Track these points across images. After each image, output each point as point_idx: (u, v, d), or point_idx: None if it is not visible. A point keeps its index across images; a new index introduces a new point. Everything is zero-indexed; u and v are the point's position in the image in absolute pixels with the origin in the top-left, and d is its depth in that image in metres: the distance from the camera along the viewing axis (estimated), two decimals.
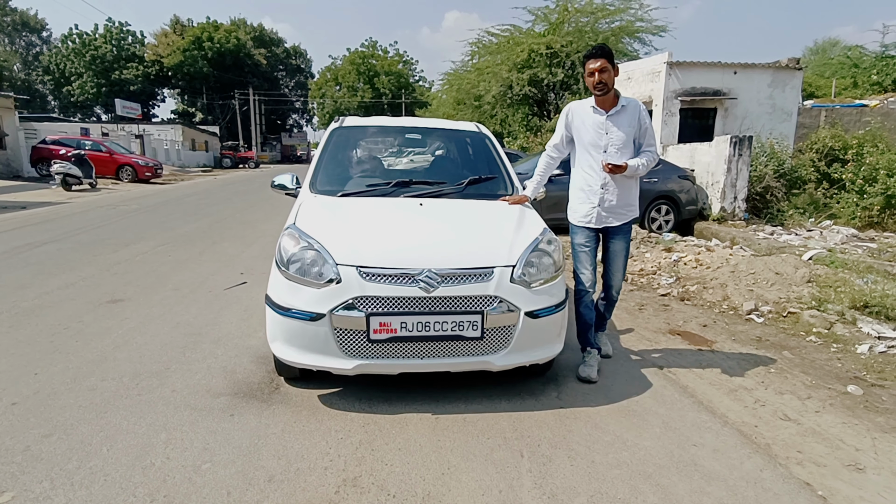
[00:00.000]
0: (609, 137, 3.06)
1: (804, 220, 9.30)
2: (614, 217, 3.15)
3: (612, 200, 3.11)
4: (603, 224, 3.17)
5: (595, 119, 3.09)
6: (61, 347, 3.41)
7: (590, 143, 3.12)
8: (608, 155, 3.05)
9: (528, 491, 2.06)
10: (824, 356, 3.70)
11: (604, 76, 2.95)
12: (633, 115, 3.05)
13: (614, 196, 3.10)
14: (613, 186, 3.10)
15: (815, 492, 2.14)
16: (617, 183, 3.09)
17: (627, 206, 3.17)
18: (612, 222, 3.16)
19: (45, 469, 2.11)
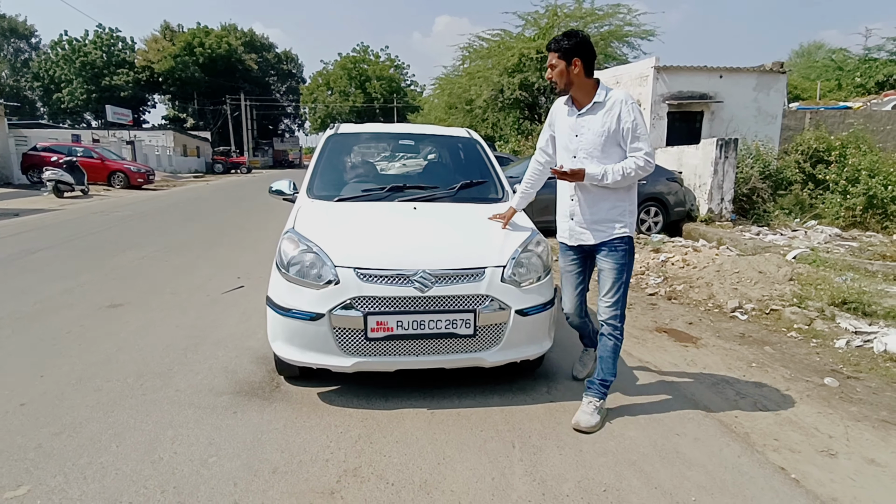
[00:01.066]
0: (579, 141, 2.64)
1: (789, 221, 9.52)
2: (591, 233, 2.67)
3: (584, 214, 2.67)
4: (578, 241, 2.74)
5: (568, 119, 2.69)
6: (65, 351, 3.49)
7: (563, 146, 2.75)
8: (577, 161, 2.63)
9: (519, 478, 2.18)
10: (804, 351, 3.86)
11: (552, 73, 2.59)
12: (611, 113, 2.54)
13: (586, 209, 2.66)
14: (583, 198, 2.67)
15: (789, 475, 2.27)
16: (587, 193, 2.65)
17: (608, 222, 2.64)
18: (589, 240, 2.68)
19: (57, 464, 2.20)
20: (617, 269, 2.64)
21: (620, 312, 2.68)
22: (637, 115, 2.53)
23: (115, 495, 2.01)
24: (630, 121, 2.52)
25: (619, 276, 2.65)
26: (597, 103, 2.58)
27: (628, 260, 2.67)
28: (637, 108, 2.56)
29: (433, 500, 2.02)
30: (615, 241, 2.64)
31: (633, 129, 2.53)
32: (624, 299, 2.68)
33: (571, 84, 2.58)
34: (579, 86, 2.58)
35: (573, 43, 2.52)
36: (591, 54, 2.58)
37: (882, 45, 24.53)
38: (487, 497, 2.05)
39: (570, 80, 2.57)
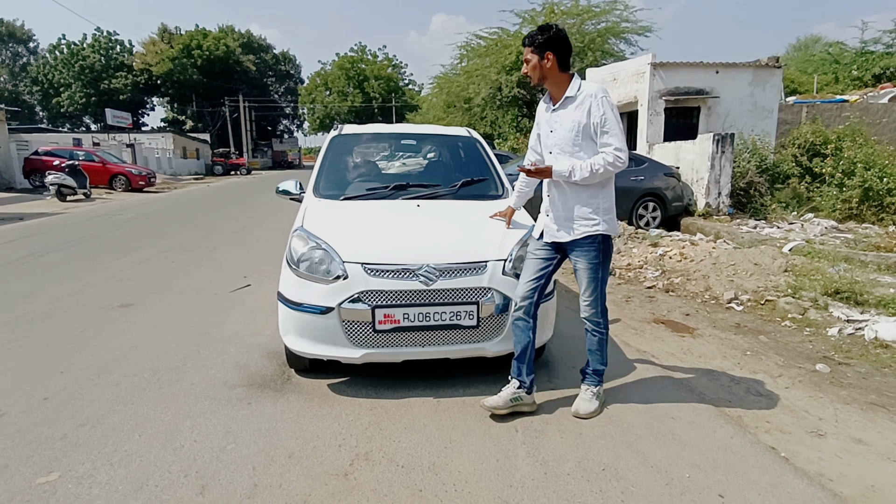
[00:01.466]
0: (553, 136, 2.62)
1: (787, 214, 9.64)
2: (564, 230, 2.63)
3: (557, 211, 2.65)
4: (553, 238, 2.68)
5: (545, 115, 2.69)
6: (81, 348, 3.61)
7: (542, 143, 2.75)
8: (552, 157, 2.63)
9: (522, 459, 2.30)
10: (797, 339, 3.97)
11: (527, 68, 2.59)
12: (582, 107, 2.50)
13: (560, 206, 2.63)
14: (556, 195, 2.65)
15: (779, 454, 2.39)
16: (560, 190, 2.64)
17: (580, 219, 2.59)
18: (563, 237, 2.64)
19: (84, 453, 2.32)
20: (591, 268, 2.62)
21: (599, 309, 2.70)
22: (607, 110, 2.48)
23: (141, 479, 2.13)
24: (599, 115, 2.48)
25: (595, 274, 2.63)
26: (568, 98, 2.55)
27: (603, 259, 2.64)
28: (608, 102, 2.50)
29: (442, 480, 2.14)
30: (587, 240, 2.60)
31: (601, 123, 2.48)
32: (602, 297, 2.69)
33: (545, 78, 2.57)
34: (553, 80, 2.57)
35: (546, 37, 2.51)
36: (566, 48, 2.56)
37: (878, 38, 24.61)
38: (493, 476, 2.17)
39: (543, 75, 2.56)
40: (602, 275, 2.67)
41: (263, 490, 2.07)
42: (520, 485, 2.12)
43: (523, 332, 2.69)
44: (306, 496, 2.04)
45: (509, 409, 2.65)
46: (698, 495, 2.07)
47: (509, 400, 2.65)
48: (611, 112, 2.49)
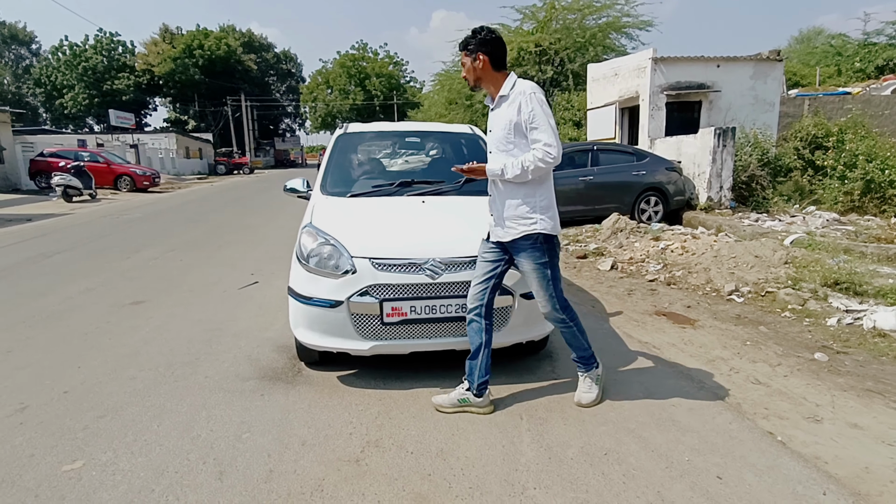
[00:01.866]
0: (492, 135, 2.64)
1: (789, 207, 9.67)
2: (502, 230, 2.61)
3: (497, 210, 2.63)
4: (497, 238, 2.66)
5: (489, 115, 2.70)
6: (96, 344, 3.71)
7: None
8: (491, 157, 2.64)
9: (527, 445, 2.38)
10: (796, 329, 4.04)
11: (464, 71, 2.63)
12: (513, 105, 2.51)
13: (500, 205, 2.61)
14: (496, 194, 2.65)
15: (776, 438, 2.47)
16: (499, 189, 2.63)
17: (518, 218, 2.55)
18: (503, 237, 2.61)
19: (106, 442, 2.41)
20: (537, 269, 2.58)
21: (558, 307, 2.64)
22: (535, 106, 2.45)
23: (161, 466, 2.22)
24: (528, 111, 2.46)
25: (543, 275, 2.58)
26: (502, 97, 2.56)
27: (549, 258, 2.58)
28: (537, 98, 2.47)
29: (450, 465, 2.23)
30: (527, 240, 2.55)
31: (530, 119, 2.46)
32: (557, 295, 2.63)
33: (480, 79, 2.59)
34: (488, 80, 2.59)
35: (477, 39, 2.55)
36: (498, 47, 2.56)
37: (881, 30, 24.54)
38: (499, 461, 2.25)
39: (478, 76, 2.58)
40: (552, 274, 2.61)
41: (279, 475, 2.16)
42: (525, 469, 2.20)
43: (476, 333, 2.66)
44: (320, 481, 2.13)
45: (455, 409, 2.67)
46: (697, 477, 2.15)
47: (456, 401, 2.68)
48: (539, 108, 2.46)
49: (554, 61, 19.13)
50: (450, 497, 2.03)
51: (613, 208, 8.53)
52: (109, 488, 2.09)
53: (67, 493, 2.06)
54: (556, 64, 19.17)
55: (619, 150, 10.06)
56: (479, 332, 2.67)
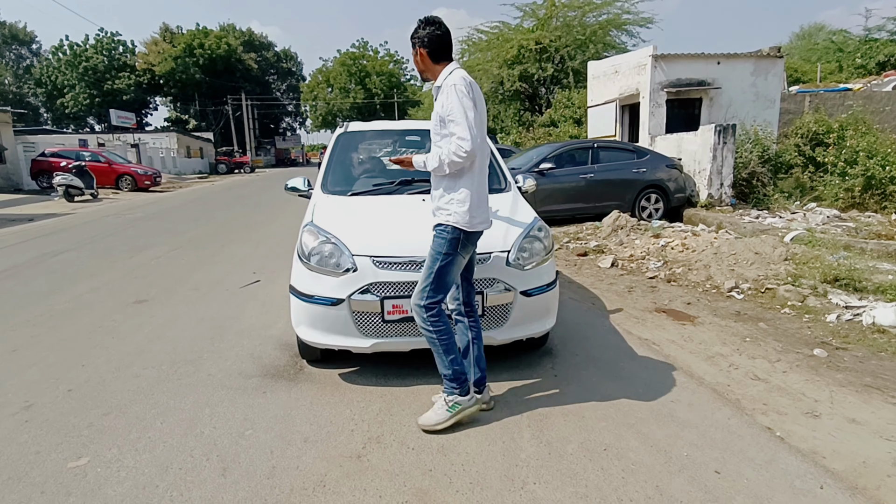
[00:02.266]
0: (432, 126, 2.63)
1: (789, 204, 9.67)
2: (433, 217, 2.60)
3: (433, 200, 2.63)
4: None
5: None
6: (100, 343, 3.74)
7: None
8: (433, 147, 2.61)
9: (527, 441, 2.40)
10: (796, 325, 4.05)
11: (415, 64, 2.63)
12: (441, 97, 2.49)
13: (433, 194, 2.63)
14: (432, 184, 2.67)
15: (775, 433, 2.49)
16: (431, 180, 2.65)
17: (440, 209, 2.55)
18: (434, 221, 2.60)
19: (110, 439, 2.44)
20: (433, 255, 2.52)
21: (424, 302, 2.50)
22: (453, 98, 2.38)
23: (165, 463, 2.25)
24: (447, 104, 2.41)
25: (433, 262, 2.50)
26: (437, 88, 2.53)
27: (446, 249, 2.49)
28: (456, 90, 2.38)
29: (451, 461, 2.25)
30: (440, 227, 2.53)
31: (447, 112, 2.41)
32: (432, 288, 2.49)
33: (425, 71, 2.59)
34: (430, 72, 2.58)
35: (417, 32, 2.54)
36: (435, 40, 2.51)
37: (882, 25, 24.48)
38: (499, 457, 2.28)
39: (422, 68, 2.59)
40: (439, 267, 2.49)
41: (282, 471, 2.19)
42: (525, 464, 2.23)
43: (462, 332, 2.67)
44: (322, 476, 2.15)
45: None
46: (696, 471, 2.17)
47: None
48: (457, 100, 2.38)
49: (554, 59, 19.12)
50: (451, 492, 2.05)
51: (614, 206, 8.54)
52: (115, 484, 2.11)
53: (73, 489, 2.09)
54: (557, 61, 19.16)
55: (620, 147, 10.06)
56: (465, 329, 2.67)
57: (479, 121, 2.43)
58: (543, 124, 18.27)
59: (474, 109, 2.40)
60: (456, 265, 2.54)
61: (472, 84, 2.44)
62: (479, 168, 2.53)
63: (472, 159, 2.43)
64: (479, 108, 2.47)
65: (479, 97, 2.49)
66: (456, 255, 2.52)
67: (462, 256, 2.55)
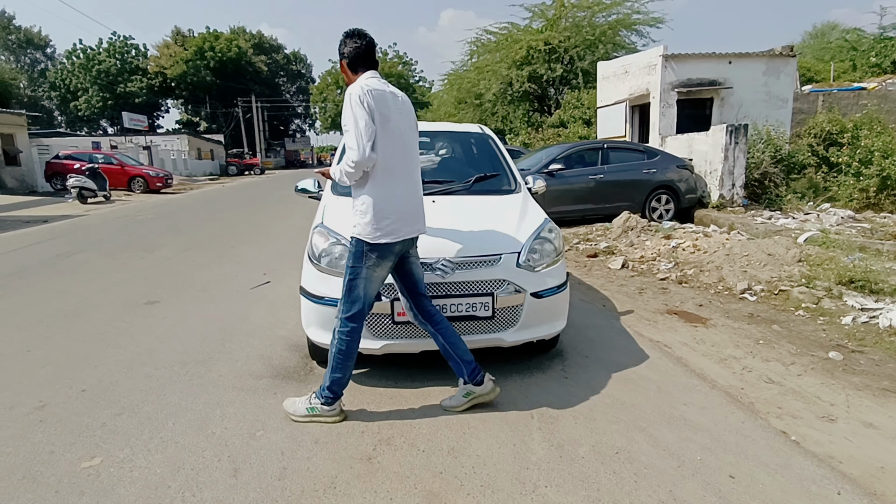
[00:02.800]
0: None
1: (802, 204, 9.56)
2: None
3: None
4: None
5: None
6: (112, 343, 3.77)
7: None
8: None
9: (538, 443, 2.39)
10: (810, 328, 4.00)
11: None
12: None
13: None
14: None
15: (790, 437, 2.45)
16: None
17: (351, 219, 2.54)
18: None
19: (123, 439, 2.46)
20: (344, 269, 2.53)
21: (340, 316, 2.53)
22: (346, 108, 2.40)
23: (177, 463, 2.26)
24: (343, 114, 2.44)
25: (345, 273, 2.52)
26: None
27: (351, 263, 2.49)
28: (350, 101, 2.38)
29: (461, 463, 2.24)
30: (352, 239, 2.51)
31: (343, 123, 2.43)
32: (344, 301, 2.53)
33: (347, 80, 2.60)
34: (350, 81, 2.57)
35: (340, 43, 2.59)
36: (349, 52, 2.55)
37: None
38: (510, 459, 2.26)
39: (346, 79, 2.61)
40: (347, 280, 2.50)
41: (292, 473, 2.19)
42: (536, 467, 2.21)
43: (432, 336, 2.68)
44: (333, 478, 2.15)
45: (466, 405, 2.68)
46: (709, 476, 2.14)
47: (462, 398, 2.69)
48: (349, 110, 2.39)
49: (563, 59, 19.06)
50: (461, 495, 2.04)
51: (624, 206, 8.49)
52: (127, 484, 2.13)
53: (87, 488, 2.11)
54: (566, 62, 19.10)
55: (630, 148, 10.01)
56: (435, 335, 2.66)
57: (384, 130, 2.41)
58: (552, 125, 18.22)
59: (368, 119, 2.36)
60: (365, 279, 2.49)
61: (371, 93, 2.39)
62: (385, 176, 2.46)
63: (361, 169, 2.40)
64: (387, 116, 2.42)
65: (389, 106, 2.45)
66: (362, 269, 2.48)
67: (372, 270, 2.48)
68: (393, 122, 2.46)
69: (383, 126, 2.41)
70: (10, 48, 53.76)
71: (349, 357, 2.56)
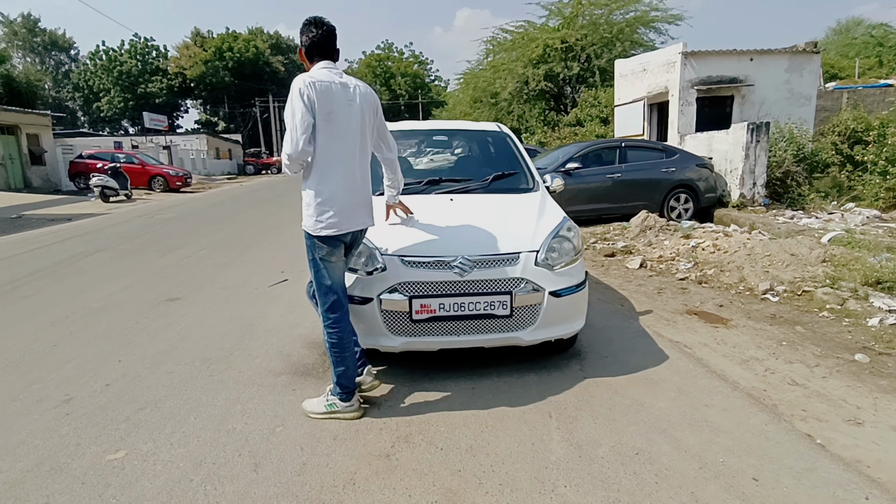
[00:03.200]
0: None
1: (826, 204, 9.36)
2: None
3: None
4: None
5: None
6: (134, 340, 3.84)
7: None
8: None
9: (556, 443, 2.37)
10: (835, 329, 3.91)
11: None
12: None
13: None
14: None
15: (815, 441, 2.40)
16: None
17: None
18: None
19: (146, 433, 2.50)
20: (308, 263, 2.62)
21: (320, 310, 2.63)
22: (288, 102, 2.44)
23: (199, 458, 2.29)
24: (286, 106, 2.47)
25: (310, 269, 2.61)
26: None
27: (309, 256, 2.58)
28: (291, 94, 2.41)
29: (479, 462, 2.24)
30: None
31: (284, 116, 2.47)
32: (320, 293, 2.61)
33: (306, 67, 2.63)
34: (307, 68, 2.61)
35: (300, 30, 2.60)
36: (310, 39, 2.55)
37: None
38: (528, 458, 2.25)
39: (305, 68, 2.64)
40: (313, 273, 2.59)
41: (312, 468, 2.21)
42: (555, 466, 2.20)
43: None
44: (352, 474, 2.16)
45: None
46: (732, 479, 2.11)
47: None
48: (289, 104, 2.42)
49: (580, 57, 18.92)
50: (480, 493, 2.04)
51: (642, 206, 8.39)
52: (151, 477, 2.16)
53: (112, 480, 2.15)
54: (583, 60, 18.96)
55: (648, 146, 9.90)
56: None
57: (326, 123, 2.42)
58: (569, 123, 18.11)
59: (305, 111, 2.37)
60: (325, 269, 2.55)
61: (314, 84, 2.39)
62: (326, 170, 2.48)
63: (297, 162, 2.43)
64: (329, 108, 2.42)
65: (334, 98, 2.44)
66: (318, 260, 2.53)
67: (326, 261, 2.54)
68: (337, 115, 2.45)
69: (326, 119, 2.41)
70: (36, 50, 55.05)
71: (344, 349, 2.58)
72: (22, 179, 19.91)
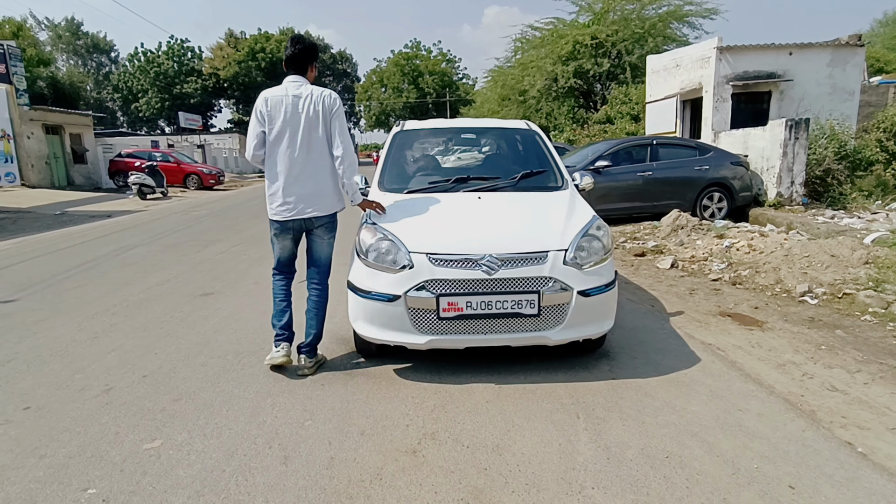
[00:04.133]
0: None
1: (869, 203, 8.99)
2: None
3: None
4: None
5: None
6: (171, 332, 3.96)
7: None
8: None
9: (584, 444, 2.35)
10: (879, 334, 3.76)
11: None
12: None
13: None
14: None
15: (856, 449, 2.31)
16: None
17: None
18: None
19: (181, 423, 2.58)
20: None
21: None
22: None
23: (231, 448, 2.35)
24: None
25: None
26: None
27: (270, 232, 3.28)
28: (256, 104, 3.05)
29: (506, 461, 2.23)
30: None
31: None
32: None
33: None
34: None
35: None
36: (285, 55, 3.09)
37: None
38: (555, 459, 2.24)
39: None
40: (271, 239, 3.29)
41: (340, 463, 2.24)
42: (582, 468, 2.18)
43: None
44: (379, 469, 2.19)
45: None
46: (767, 486, 2.05)
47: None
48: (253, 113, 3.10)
49: (611, 54, 18.61)
50: (506, 492, 2.03)
51: (674, 205, 8.21)
52: (185, 466, 2.23)
53: (149, 468, 2.22)
54: (613, 56, 18.64)
55: (681, 143, 9.68)
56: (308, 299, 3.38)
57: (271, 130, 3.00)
58: (599, 121, 17.83)
59: (255, 122, 3.04)
60: (274, 244, 3.25)
61: (266, 99, 3.01)
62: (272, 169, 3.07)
63: (254, 163, 3.16)
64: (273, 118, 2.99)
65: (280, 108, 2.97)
66: (271, 237, 3.24)
67: (276, 238, 3.22)
68: (278, 123, 2.99)
69: (273, 128, 3.00)
70: (79, 53, 57.21)
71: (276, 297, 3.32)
72: (65, 177, 20.72)
